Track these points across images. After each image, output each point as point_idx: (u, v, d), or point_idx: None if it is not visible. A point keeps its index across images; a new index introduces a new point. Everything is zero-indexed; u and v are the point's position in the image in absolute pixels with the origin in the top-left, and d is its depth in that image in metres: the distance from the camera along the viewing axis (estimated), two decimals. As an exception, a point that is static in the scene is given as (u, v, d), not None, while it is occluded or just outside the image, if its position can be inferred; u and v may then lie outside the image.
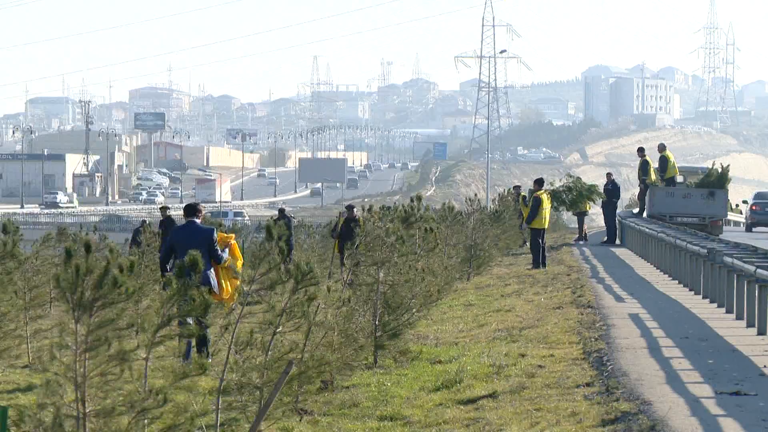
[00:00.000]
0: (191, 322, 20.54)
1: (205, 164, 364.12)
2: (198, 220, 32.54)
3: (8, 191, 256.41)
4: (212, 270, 29.76)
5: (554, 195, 71.07)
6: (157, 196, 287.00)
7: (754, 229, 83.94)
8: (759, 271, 30.44)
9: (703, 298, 39.45)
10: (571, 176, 75.03)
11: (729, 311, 35.17)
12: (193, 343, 27.18)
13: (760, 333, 30.34)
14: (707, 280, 39.89)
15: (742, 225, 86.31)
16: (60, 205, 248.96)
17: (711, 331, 31.91)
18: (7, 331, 32.67)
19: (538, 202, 55.25)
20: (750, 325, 31.93)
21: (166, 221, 51.11)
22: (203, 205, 39.68)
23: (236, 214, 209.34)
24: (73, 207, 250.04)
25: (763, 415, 20.39)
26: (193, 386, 18.11)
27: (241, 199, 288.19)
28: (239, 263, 32.72)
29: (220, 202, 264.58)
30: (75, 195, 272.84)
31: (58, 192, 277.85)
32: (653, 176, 66.59)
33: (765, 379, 24.20)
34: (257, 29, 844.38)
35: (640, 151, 71.46)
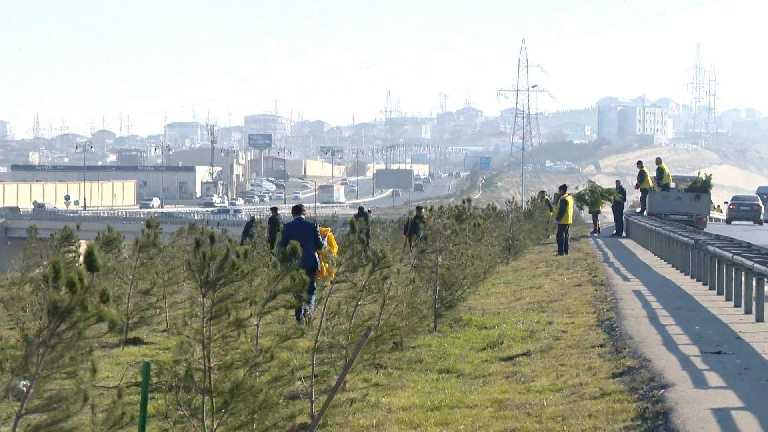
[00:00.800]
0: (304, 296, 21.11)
1: (302, 174, 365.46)
2: (303, 217, 33.50)
3: (151, 195, 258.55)
4: (316, 254, 30.23)
5: (578, 197, 72.78)
6: (264, 198, 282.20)
7: (732, 223, 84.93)
8: (735, 257, 30.29)
9: (692, 278, 39.22)
10: (591, 182, 75.75)
11: (712, 288, 34.97)
12: (304, 307, 27.41)
13: (736, 306, 30.14)
14: (694, 264, 39.73)
15: (721, 221, 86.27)
16: (215, 204, 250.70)
17: (697, 304, 31.68)
18: (150, 303, 32.87)
19: (564, 203, 55.62)
20: (728, 299, 31.73)
21: (273, 218, 51.04)
22: (306, 205, 40.73)
23: (235, 212, 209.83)
24: (222, 205, 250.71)
25: (738, 370, 20.16)
26: (293, 346, 18.06)
27: (357, 198, 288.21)
28: (335, 250, 32.84)
29: (335, 202, 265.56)
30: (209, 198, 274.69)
31: (213, 195, 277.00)
32: (650, 183, 67.23)
33: (740, 341, 23.97)
34: (344, 68, 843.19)
35: (639, 164, 72.42)
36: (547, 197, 61.96)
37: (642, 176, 69.02)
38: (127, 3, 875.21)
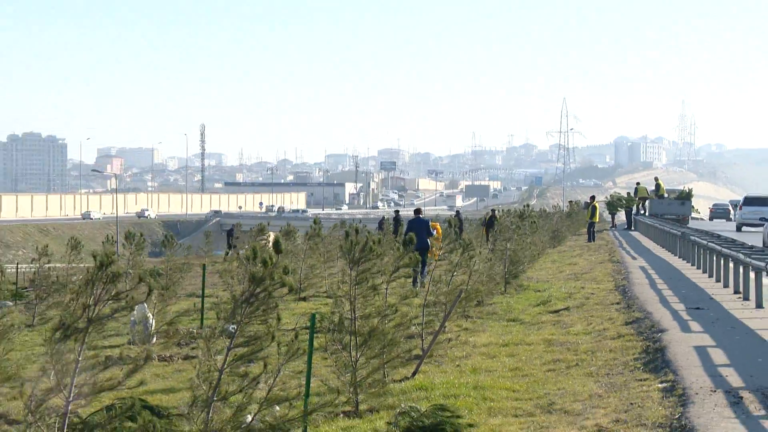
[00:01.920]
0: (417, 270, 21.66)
1: (416, 188, 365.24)
2: (421, 216, 34.37)
3: (316, 203, 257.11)
4: (429, 240, 30.80)
5: (609, 204, 74.44)
6: (390, 204, 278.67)
7: (713, 220, 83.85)
8: (709, 244, 29.99)
9: (679, 258, 38.81)
10: (621, 193, 77.68)
11: (693, 265, 34.60)
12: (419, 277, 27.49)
13: (710, 277, 29.78)
14: (681, 248, 39.39)
15: (699, 219, 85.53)
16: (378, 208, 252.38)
17: (683, 276, 31.38)
18: (315, 273, 33.14)
19: (594, 208, 56.56)
20: (704, 272, 31.35)
21: (396, 217, 51.21)
22: (422, 208, 41.42)
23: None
24: (363, 210, 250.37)
25: (712, 320, 19.93)
26: (410, 303, 18.11)
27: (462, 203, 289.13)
28: (439, 241, 33.94)
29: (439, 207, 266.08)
30: (347, 205, 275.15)
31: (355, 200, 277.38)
32: (646, 194, 68.29)
33: (713, 301, 23.68)
34: (442, 114, 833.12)
35: (638, 183, 72.82)
36: (594, 204, 62.22)
37: (636, 191, 70.25)
38: (295, 63, 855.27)
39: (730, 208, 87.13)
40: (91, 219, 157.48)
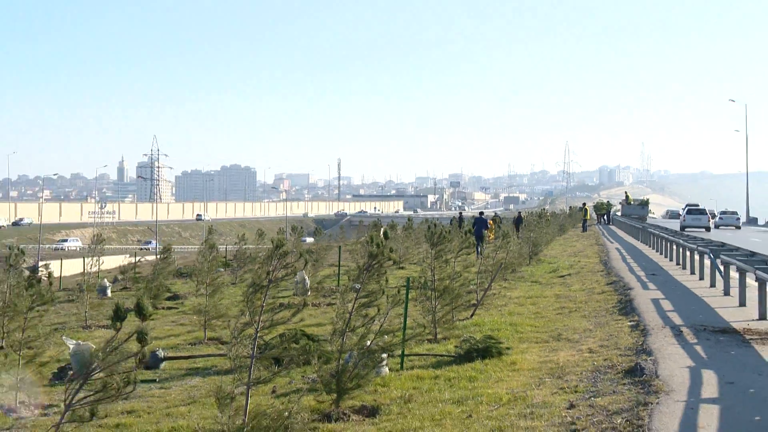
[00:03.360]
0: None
1: (473, 199, 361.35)
2: (482, 215, 36.69)
3: (408, 208, 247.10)
4: (485, 230, 31.86)
5: (596, 207, 73.69)
6: (455, 208, 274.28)
7: (669, 219, 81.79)
8: (660, 233, 29.63)
9: (641, 242, 38.26)
10: (598, 202, 77.27)
11: (651, 247, 34.09)
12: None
13: (660, 253, 29.35)
14: (642, 236, 38.82)
15: (655, 219, 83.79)
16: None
17: (642, 254, 30.90)
18: (408, 251, 33.00)
19: (586, 210, 58.38)
20: (657, 251, 30.88)
21: (460, 216, 50.76)
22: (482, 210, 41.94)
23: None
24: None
25: (663, 281, 19.65)
26: (470, 270, 18.01)
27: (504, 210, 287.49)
28: (492, 231, 34.38)
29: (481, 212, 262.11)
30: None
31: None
32: (616, 206, 70.06)
33: (663, 269, 23.33)
34: (490, 150, 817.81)
35: (606, 200, 73.88)
36: (586, 207, 62.16)
37: (609, 205, 72.29)
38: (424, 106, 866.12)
39: (681, 212, 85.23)
40: (268, 217, 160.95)
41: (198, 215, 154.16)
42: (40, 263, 32.79)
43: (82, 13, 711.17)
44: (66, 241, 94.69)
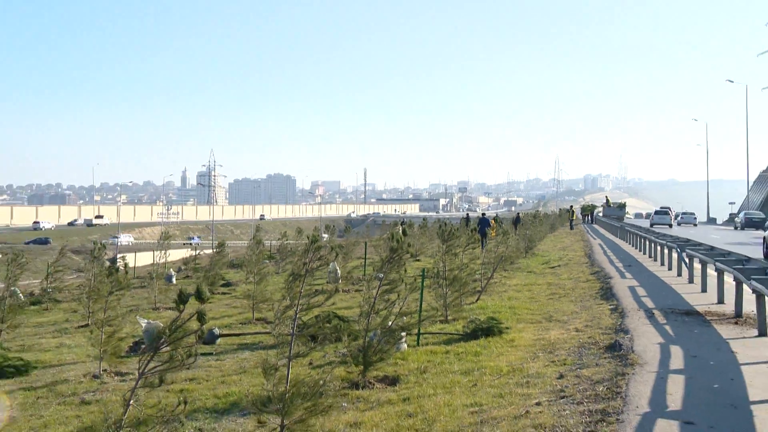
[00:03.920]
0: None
1: (477, 203, 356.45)
2: (485, 216, 36.99)
3: (423, 210, 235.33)
4: (488, 228, 31.47)
5: (582, 209, 72.11)
6: (463, 210, 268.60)
7: (653, 226, 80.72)
8: (634, 230, 29.37)
9: (620, 239, 37.94)
10: (587, 204, 75.91)
11: (627, 243, 33.80)
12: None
13: (636, 248, 29.10)
14: (620, 234, 38.52)
15: (631, 219, 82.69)
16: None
17: (621, 248, 30.62)
18: (424, 246, 32.73)
19: (573, 212, 57.17)
20: (634, 246, 30.63)
21: (466, 217, 50.45)
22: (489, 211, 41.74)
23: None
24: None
25: (638, 271, 19.49)
26: (476, 261, 17.89)
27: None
28: (494, 229, 34.08)
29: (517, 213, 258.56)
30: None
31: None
32: (598, 208, 68.71)
33: (637, 261, 23.12)
34: (493, 161, 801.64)
35: (592, 203, 72.75)
36: (573, 209, 61.63)
37: (593, 207, 70.32)
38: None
39: (643, 213, 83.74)
40: (306, 217, 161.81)
41: (261, 215, 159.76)
42: (118, 255, 32.98)
43: (161, 51, 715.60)
44: (118, 237, 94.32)
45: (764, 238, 24.67)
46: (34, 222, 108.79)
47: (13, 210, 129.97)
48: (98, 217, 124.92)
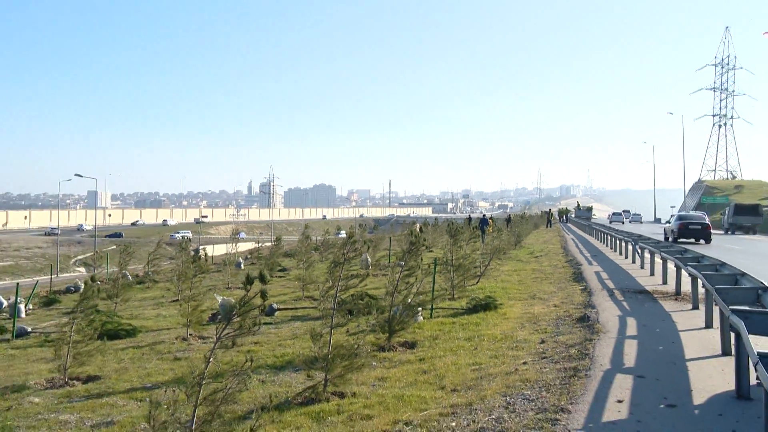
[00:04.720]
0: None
1: (477, 206, 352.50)
2: (485, 216, 37.30)
3: (434, 212, 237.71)
4: (486, 226, 31.38)
5: (559, 212, 71.01)
6: (466, 212, 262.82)
7: (611, 223, 78.65)
8: (600, 228, 29.00)
9: (588, 235, 37.48)
10: (560, 208, 74.69)
11: (595, 238, 33.29)
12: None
13: (601, 242, 28.70)
14: (588, 231, 38.07)
15: (596, 219, 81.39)
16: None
17: (590, 243, 30.19)
18: (436, 240, 32.03)
19: (550, 213, 56.34)
20: (599, 240, 30.21)
21: (469, 218, 49.69)
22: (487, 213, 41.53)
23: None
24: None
25: (601, 260, 19.23)
26: (476, 252, 17.53)
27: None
28: (491, 227, 33.70)
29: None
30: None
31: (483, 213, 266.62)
32: (569, 212, 67.87)
33: (602, 253, 22.79)
34: (490, 173, 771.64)
35: (565, 207, 71.36)
36: (550, 211, 60.93)
37: (567, 210, 69.19)
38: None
39: (595, 213, 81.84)
40: (343, 218, 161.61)
41: (323, 215, 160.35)
42: (200, 247, 33.38)
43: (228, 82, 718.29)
44: (178, 233, 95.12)
45: (664, 229, 29.16)
46: (164, 220, 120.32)
47: (124, 212, 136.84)
48: (203, 217, 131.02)
